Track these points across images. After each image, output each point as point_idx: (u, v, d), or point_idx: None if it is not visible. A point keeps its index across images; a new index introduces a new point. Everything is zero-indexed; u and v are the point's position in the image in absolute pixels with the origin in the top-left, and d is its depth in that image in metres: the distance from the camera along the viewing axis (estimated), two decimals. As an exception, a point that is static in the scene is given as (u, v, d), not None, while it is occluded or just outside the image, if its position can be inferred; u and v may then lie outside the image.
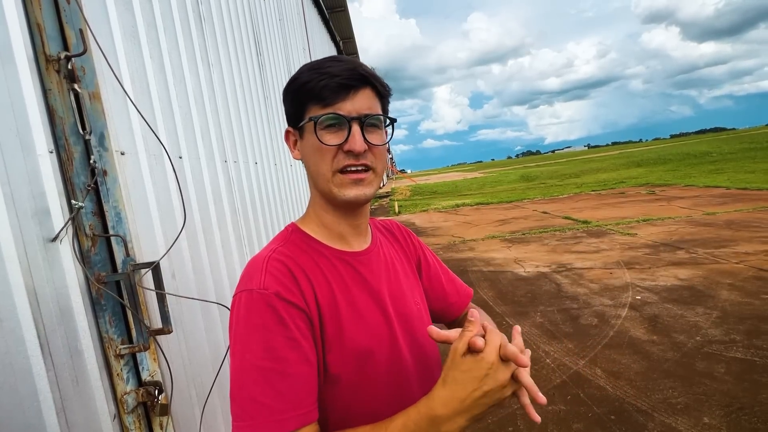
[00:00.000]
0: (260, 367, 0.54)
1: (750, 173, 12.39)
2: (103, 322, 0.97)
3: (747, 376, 2.43)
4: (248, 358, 0.55)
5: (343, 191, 0.62)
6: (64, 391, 0.85)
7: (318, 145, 0.61)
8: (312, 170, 0.65)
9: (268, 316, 0.55)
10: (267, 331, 0.55)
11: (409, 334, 0.70)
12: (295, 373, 0.55)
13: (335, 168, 0.62)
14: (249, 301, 0.57)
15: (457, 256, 6.22)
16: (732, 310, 3.32)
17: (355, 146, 0.60)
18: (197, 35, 1.80)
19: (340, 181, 0.62)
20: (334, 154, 0.61)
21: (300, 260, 0.63)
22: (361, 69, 0.61)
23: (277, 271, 0.59)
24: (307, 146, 0.65)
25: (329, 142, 0.61)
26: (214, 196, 1.73)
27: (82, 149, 0.95)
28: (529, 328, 3.44)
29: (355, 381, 0.62)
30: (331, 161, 0.62)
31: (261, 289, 0.57)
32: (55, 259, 0.87)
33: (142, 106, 1.24)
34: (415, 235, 0.89)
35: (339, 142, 0.61)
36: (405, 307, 0.72)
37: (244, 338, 0.56)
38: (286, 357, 0.55)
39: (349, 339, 0.62)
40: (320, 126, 0.60)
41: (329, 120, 0.60)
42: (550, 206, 10.63)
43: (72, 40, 0.93)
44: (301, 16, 5.11)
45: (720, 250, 4.97)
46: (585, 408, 2.33)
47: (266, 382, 0.53)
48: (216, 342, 1.50)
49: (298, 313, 0.57)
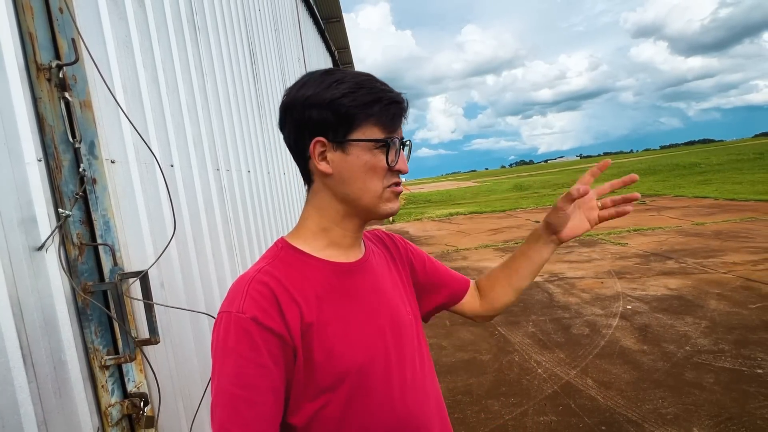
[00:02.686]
0: (230, 393, 0.56)
1: (737, 184, 12.64)
2: (89, 332, 0.95)
3: (735, 385, 2.45)
4: (222, 382, 0.57)
5: (390, 205, 0.68)
6: (46, 404, 0.83)
7: (373, 165, 0.64)
8: (356, 186, 0.65)
9: (243, 341, 0.56)
10: (239, 357, 0.56)
11: (401, 345, 0.70)
12: (261, 402, 0.56)
13: (386, 185, 0.66)
14: (227, 324, 0.58)
15: (450, 264, 6.21)
16: (720, 320, 3.36)
17: (405, 167, 0.68)
18: (191, 45, 1.81)
19: (388, 196, 0.67)
20: (385, 173, 0.66)
21: (287, 279, 0.62)
22: (405, 99, 0.67)
23: (258, 294, 0.59)
24: (355, 162, 0.64)
25: (387, 165, 0.65)
26: (205, 205, 1.72)
27: (72, 158, 0.95)
28: (521, 338, 3.44)
29: (348, 396, 0.62)
30: (382, 179, 0.66)
31: (239, 312, 0.57)
32: (41, 268, 0.86)
33: (134, 114, 1.24)
34: (400, 237, 0.89)
35: (392, 162, 0.66)
36: (398, 317, 0.72)
37: (220, 361, 0.57)
38: (255, 384, 0.56)
39: (340, 355, 0.61)
40: (379, 146, 0.64)
41: (398, 144, 0.66)
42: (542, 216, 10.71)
43: (64, 49, 0.93)
44: (297, 26, 5.15)
45: (709, 260, 5.04)
46: (576, 419, 2.33)
47: (234, 410, 0.55)
48: (205, 353, 1.48)
49: (274, 339, 0.58)
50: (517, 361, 3.08)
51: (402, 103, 0.65)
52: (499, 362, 3.10)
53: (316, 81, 0.64)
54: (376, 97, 0.63)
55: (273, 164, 3.08)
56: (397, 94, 0.65)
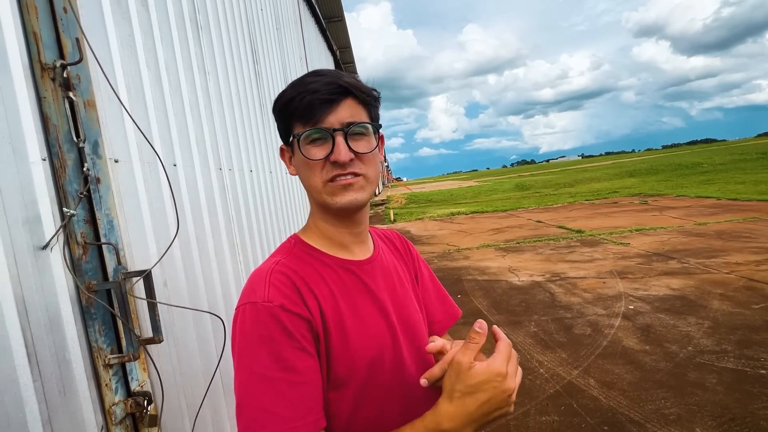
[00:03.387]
0: (270, 377, 0.54)
1: (740, 184, 12.58)
2: (93, 331, 0.96)
3: (738, 386, 2.44)
4: (257, 369, 0.55)
5: (336, 199, 0.63)
6: (50, 402, 0.83)
7: (305, 160, 0.63)
8: (305, 184, 0.67)
9: (275, 328, 0.56)
10: (275, 343, 0.56)
11: (412, 342, 0.71)
12: (303, 382, 0.56)
13: (325, 179, 0.63)
14: (254, 314, 0.57)
15: (451, 264, 6.23)
16: (723, 320, 3.35)
17: (340, 157, 0.61)
18: (194, 44, 1.81)
19: (331, 189, 0.63)
20: (322, 166, 0.63)
21: (303, 272, 0.63)
22: (341, 80, 0.62)
23: (281, 284, 0.60)
24: (298, 162, 0.67)
25: (315, 156, 0.62)
26: (208, 204, 1.72)
27: (76, 157, 0.95)
28: (523, 338, 3.44)
29: (360, 389, 0.63)
30: (320, 173, 0.63)
31: (265, 301, 0.57)
32: (45, 267, 0.87)
33: (137, 113, 1.25)
34: (413, 246, 0.90)
35: (325, 154, 0.62)
36: (408, 315, 0.73)
37: (251, 350, 0.56)
38: (295, 367, 0.56)
39: (354, 348, 0.62)
40: (305, 141, 0.63)
41: (312, 135, 0.62)
42: (544, 215, 10.70)
43: (68, 49, 0.94)
44: (299, 26, 5.15)
45: (711, 260, 5.03)
46: (578, 419, 2.32)
47: (276, 392, 0.54)
48: (208, 352, 1.48)
49: (303, 324, 0.58)
50: (519, 361, 3.08)
51: (319, 92, 0.60)
52: (500, 362, 3.10)
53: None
54: (295, 93, 0.62)
55: (275, 164, 3.08)
56: (321, 84, 0.61)
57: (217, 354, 1.52)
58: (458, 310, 0.89)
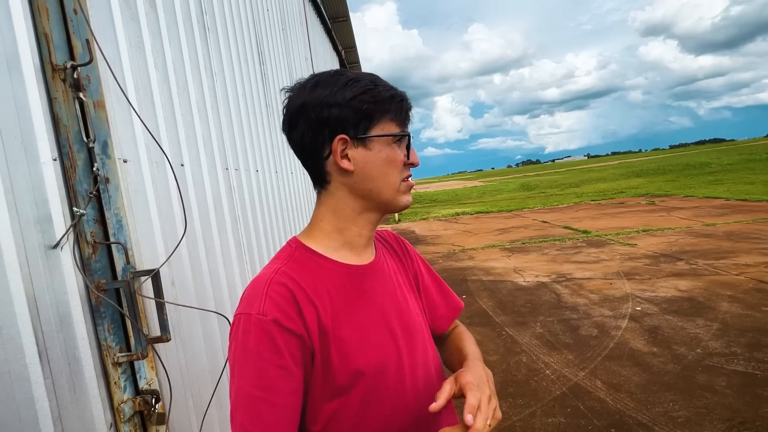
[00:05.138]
0: (251, 395, 0.56)
1: (749, 184, 12.43)
2: (102, 329, 0.96)
3: (748, 389, 2.41)
4: (242, 384, 0.57)
5: (407, 197, 0.70)
6: (61, 399, 0.84)
7: (392, 158, 0.66)
8: (379, 181, 0.66)
9: (264, 343, 0.57)
10: (261, 360, 0.56)
11: (413, 348, 0.70)
12: (282, 404, 0.57)
13: (402, 177, 0.68)
14: (247, 326, 0.58)
15: (456, 264, 6.21)
16: (732, 323, 3.31)
17: (417, 160, 0.69)
18: (201, 44, 1.82)
19: (404, 189, 0.69)
20: (402, 166, 0.68)
21: (303, 280, 0.62)
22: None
23: (278, 296, 0.59)
24: (376, 157, 0.65)
25: (401, 157, 0.67)
26: (215, 204, 1.73)
27: (86, 157, 0.96)
28: (528, 339, 3.42)
29: (363, 397, 0.63)
30: (400, 172, 0.67)
31: (260, 314, 0.57)
32: (56, 266, 0.87)
33: (145, 114, 1.26)
34: (409, 244, 0.89)
35: (404, 155, 0.68)
36: (409, 320, 0.72)
37: (240, 363, 0.58)
38: (276, 387, 0.57)
39: (355, 357, 0.62)
40: (392, 140, 0.66)
41: (404, 136, 0.68)
42: (549, 216, 10.64)
43: (78, 50, 0.95)
44: (304, 26, 5.17)
45: (720, 261, 4.97)
46: (585, 420, 2.31)
47: (255, 412, 0.56)
48: (214, 351, 1.49)
49: (295, 341, 0.58)
50: (525, 362, 3.06)
51: (409, 100, 0.69)
52: (506, 363, 3.08)
53: (329, 81, 0.64)
54: (391, 94, 0.65)
55: (281, 164, 3.09)
56: (401, 92, 0.68)
57: (224, 353, 1.53)
58: (460, 302, 0.91)
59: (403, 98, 0.67)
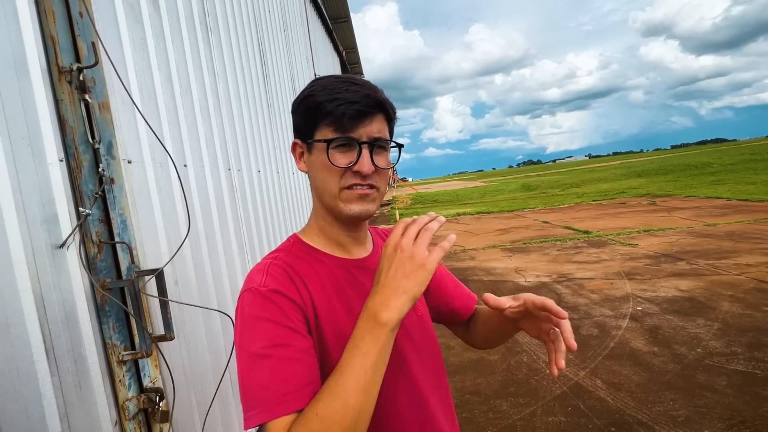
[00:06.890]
0: (264, 355, 0.56)
1: (751, 184, 12.40)
2: (107, 328, 0.98)
3: (748, 389, 2.41)
4: (253, 349, 0.57)
5: (349, 206, 0.65)
6: (67, 397, 0.85)
7: (327, 164, 0.64)
8: (319, 185, 0.67)
9: (270, 308, 0.58)
10: (269, 322, 0.58)
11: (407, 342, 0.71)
12: (297, 359, 0.57)
13: (342, 185, 0.65)
14: (252, 297, 0.60)
15: (457, 265, 6.22)
16: (733, 322, 3.31)
17: (363, 168, 0.63)
18: (204, 46, 1.84)
19: (346, 196, 0.65)
20: (343, 173, 0.64)
21: (298, 268, 0.66)
22: (377, 95, 0.64)
23: (277, 274, 0.63)
24: (315, 162, 0.67)
25: (339, 164, 0.63)
26: (217, 204, 1.75)
27: (91, 158, 0.98)
28: (529, 338, 3.43)
29: None
30: (339, 179, 0.64)
31: (261, 286, 0.60)
32: (62, 265, 0.89)
33: (149, 115, 1.27)
34: None
35: (348, 163, 0.63)
36: None
37: (248, 331, 0.58)
38: (289, 344, 0.57)
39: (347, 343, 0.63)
40: (331, 146, 0.63)
41: (341, 143, 0.64)
42: (551, 216, 10.63)
43: (84, 52, 0.96)
44: (305, 27, 5.18)
45: (721, 261, 4.96)
46: (585, 420, 2.31)
47: (271, 370, 0.55)
48: (217, 350, 1.50)
49: (296, 308, 0.60)
50: (526, 362, 3.07)
51: (358, 103, 0.62)
52: (507, 362, 3.09)
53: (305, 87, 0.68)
54: (330, 98, 0.63)
55: (282, 164, 3.11)
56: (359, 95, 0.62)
57: (227, 352, 1.54)
58: (474, 294, 0.94)
59: (348, 101, 0.62)
